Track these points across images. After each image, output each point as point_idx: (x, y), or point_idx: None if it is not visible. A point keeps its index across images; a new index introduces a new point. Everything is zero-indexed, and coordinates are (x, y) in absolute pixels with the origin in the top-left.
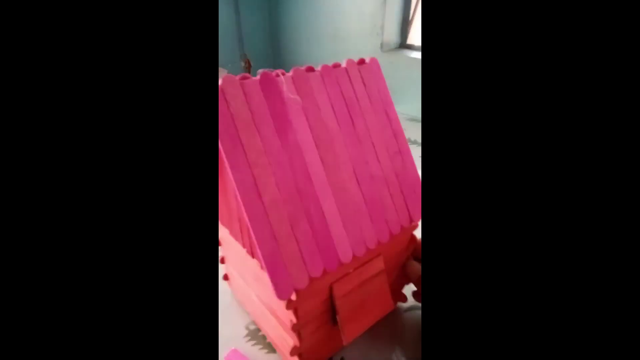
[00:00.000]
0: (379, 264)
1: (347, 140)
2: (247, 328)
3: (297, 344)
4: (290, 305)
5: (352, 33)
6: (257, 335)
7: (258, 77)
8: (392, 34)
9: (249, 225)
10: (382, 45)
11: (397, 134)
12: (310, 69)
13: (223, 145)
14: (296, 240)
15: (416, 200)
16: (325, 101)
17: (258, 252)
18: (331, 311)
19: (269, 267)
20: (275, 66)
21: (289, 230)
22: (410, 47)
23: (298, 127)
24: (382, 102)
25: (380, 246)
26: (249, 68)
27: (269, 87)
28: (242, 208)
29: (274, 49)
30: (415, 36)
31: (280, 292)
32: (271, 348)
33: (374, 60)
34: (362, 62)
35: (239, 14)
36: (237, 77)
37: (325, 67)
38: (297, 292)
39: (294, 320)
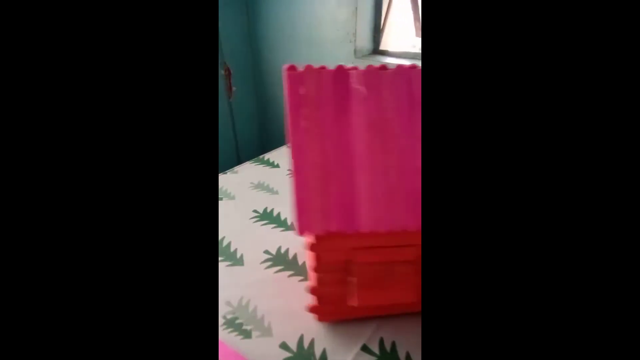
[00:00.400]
0: (408, 254)
1: (401, 132)
2: (224, 317)
3: (315, 284)
4: (312, 247)
5: (327, 40)
6: (233, 324)
7: (334, 69)
8: (364, 41)
9: (293, 175)
10: (355, 52)
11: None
12: (384, 67)
13: (291, 115)
14: (322, 196)
15: None
16: (388, 95)
17: (294, 195)
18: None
19: (297, 208)
20: (254, 72)
21: (319, 186)
22: (383, 53)
23: (356, 111)
24: None
25: (407, 234)
26: (229, 76)
27: (341, 77)
28: (292, 161)
29: (253, 56)
30: (387, 42)
31: (300, 229)
32: (247, 334)
33: None
34: None
35: (217, 22)
36: (315, 67)
37: (400, 67)
38: (317, 238)
39: (314, 263)
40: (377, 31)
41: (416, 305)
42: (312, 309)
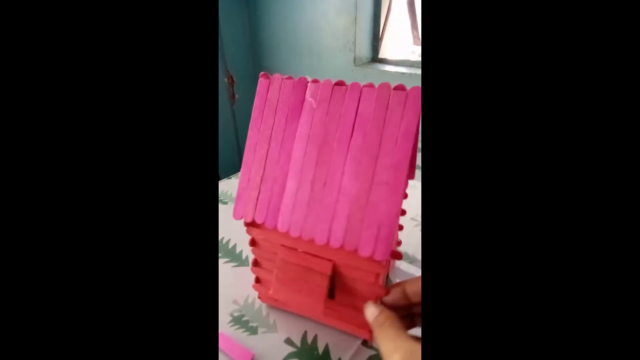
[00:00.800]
0: (325, 267)
1: (336, 149)
2: (231, 315)
3: (254, 263)
4: (248, 230)
5: (327, 48)
6: (240, 321)
7: (297, 79)
8: (364, 49)
9: (242, 167)
10: (355, 60)
11: (398, 167)
12: (341, 83)
13: (253, 115)
14: (257, 190)
15: (385, 239)
16: (334, 111)
17: (238, 184)
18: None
19: (237, 196)
20: (257, 80)
21: (257, 182)
22: (382, 61)
23: (303, 121)
24: (402, 133)
25: (327, 248)
26: (232, 83)
27: (299, 87)
28: (244, 155)
29: (254, 65)
30: (386, 51)
31: (235, 214)
32: (253, 331)
33: (415, 90)
34: (401, 87)
35: (220, 31)
36: (282, 77)
37: (354, 85)
38: (248, 225)
39: (250, 241)
40: (376, 40)
41: (330, 320)
42: (254, 286)
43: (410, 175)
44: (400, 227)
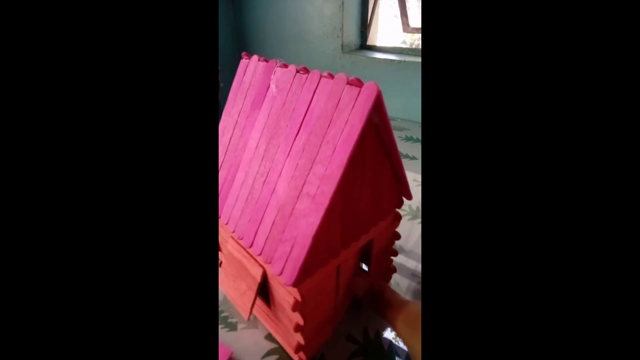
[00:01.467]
0: (256, 273)
1: (282, 143)
2: None
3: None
4: None
5: (314, 35)
6: (219, 317)
7: (268, 62)
8: (351, 36)
9: None
10: (343, 47)
11: (328, 179)
12: (305, 70)
13: (229, 96)
14: (224, 172)
15: (295, 260)
16: (288, 102)
17: None
18: None
19: None
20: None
21: (224, 165)
22: (371, 48)
23: (263, 109)
24: (341, 140)
25: (250, 250)
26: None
27: (268, 72)
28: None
29: (239, 51)
30: (374, 37)
31: None
32: (232, 327)
33: (369, 88)
34: (356, 82)
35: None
36: (258, 58)
37: (313, 74)
38: None
39: None
40: (364, 26)
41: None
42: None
43: (406, 196)
44: (394, 253)
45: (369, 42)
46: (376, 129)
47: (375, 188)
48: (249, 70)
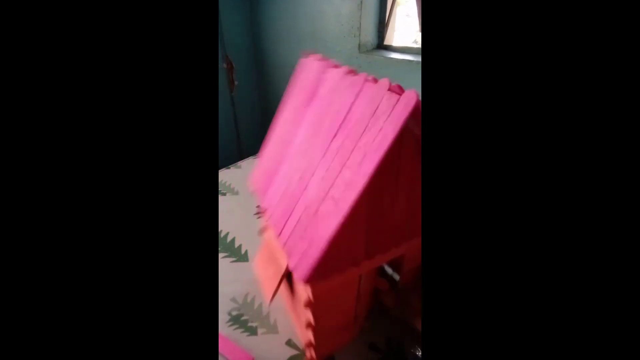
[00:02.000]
0: (283, 261)
1: (321, 146)
2: (229, 314)
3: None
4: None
5: (331, 34)
6: (239, 320)
7: (324, 62)
8: (369, 35)
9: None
10: (359, 46)
11: (352, 185)
12: (352, 72)
13: (289, 90)
14: (264, 164)
15: (309, 258)
16: (335, 104)
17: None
18: None
19: (258, 163)
20: (257, 67)
21: (267, 157)
22: (388, 48)
23: (312, 107)
24: (372, 148)
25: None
26: (231, 70)
27: (322, 72)
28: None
29: (255, 50)
30: (391, 37)
31: (251, 178)
32: (252, 331)
33: (408, 96)
34: (397, 89)
35: (219, 15)
36: (316, 57)
37: (359, 76)
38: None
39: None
40: (382, 25)
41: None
42: None
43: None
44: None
45: (385, 42)
46: (418, 140)
47: (412, 202)
48: (306, 68)
